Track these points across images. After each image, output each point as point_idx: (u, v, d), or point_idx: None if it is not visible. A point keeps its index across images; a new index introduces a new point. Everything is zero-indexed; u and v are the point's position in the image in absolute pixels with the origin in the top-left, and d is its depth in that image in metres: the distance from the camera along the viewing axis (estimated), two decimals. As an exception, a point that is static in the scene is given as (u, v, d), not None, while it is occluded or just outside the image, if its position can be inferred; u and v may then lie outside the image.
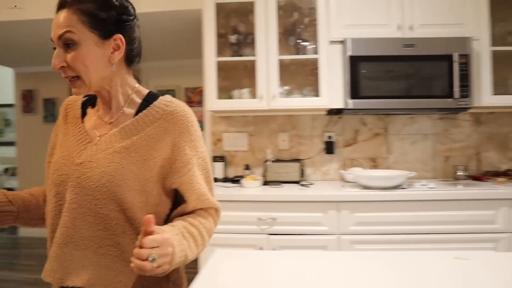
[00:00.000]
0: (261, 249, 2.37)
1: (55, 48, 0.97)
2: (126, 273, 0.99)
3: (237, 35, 2.85)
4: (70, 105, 1.16)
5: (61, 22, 0.95)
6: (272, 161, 2.86)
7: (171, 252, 0.84)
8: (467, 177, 2.82)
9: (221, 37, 2.84)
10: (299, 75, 2.91)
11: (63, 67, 0.97)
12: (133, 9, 1.05)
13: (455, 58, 2.49)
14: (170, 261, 0.85)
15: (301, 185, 2.71)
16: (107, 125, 1.06)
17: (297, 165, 2.83)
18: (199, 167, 1.07)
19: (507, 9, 2.83)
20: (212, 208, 1.11)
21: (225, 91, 2.84)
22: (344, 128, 3.00)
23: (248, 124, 3.05)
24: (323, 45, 2.62)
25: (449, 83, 2.52)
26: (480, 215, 2.30)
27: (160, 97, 1.09)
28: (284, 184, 2.75)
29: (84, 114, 1.12)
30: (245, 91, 2.77)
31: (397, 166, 2.97)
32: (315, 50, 2.71)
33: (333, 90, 2.64)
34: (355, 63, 2.55)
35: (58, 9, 0.97)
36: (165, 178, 1.04)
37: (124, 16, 1.01)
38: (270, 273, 1.10)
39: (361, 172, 2.62)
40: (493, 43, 2.63)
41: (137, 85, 1.11)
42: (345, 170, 2.87)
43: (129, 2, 1.04)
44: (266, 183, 2.78)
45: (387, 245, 2.31)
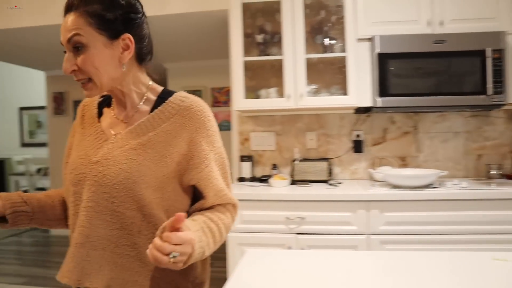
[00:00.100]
0: (289, 248, 2.36)
1: (65, 51, 0.97)
2: (142, 273, 0.98)
3: (264, 35, 2.85)
4: (87, 106, 1.16)
5: (68, 25, 0.94)
6: (300, 160, 2.85)
7: (190, 252, 0.83)
8: (501, 176, 2.74)
9: (247, 36, 2.85)
10: (327, 73, 2.89)
11: (74, 70, 0.96)
12: (140, 6, 1.03)
13: (488, 54, 2.43)
14: (186, 260, 0.84)
15: (329, 184, 2.69)
16: (122, 124, 1.06)
17: (325, 164, 2.81)
18: (216, 162, 1.06)
19: (543, 2, 2.74)
20: (230, 204, 1.10)
21: (252, 91, 2.84)
22: (373, 126, 2.96)
23: (275, 123, 3.04)
24: (350, 43, 2.60)
25: (481, 79, 2.45)
26: (516, 215, 2.24)
27: (175, 93, 1.08)
28: (312, 184, 2.73)
29: (100, 114, 1.12)
30: (272, 90, 2.77)
31: (427, 165, 2.91)
32: (343, 48, 2.68)
33: (361, 88, 2.61)
34: (383, 60, 2.52)
35: (65, 12, 0.96)
36: (182, 175, 1.03)
37: (131, 14, 0.99)
38: (302, 273, 1.09)
39: (391, 171, 2.58)
40: (528, 38, 2.55)
41: (150, 82, 1.10)
42: (374, 169, 2.84)
43: None
44: (293, 182, 2.77)
45: (418, 246, 2.27)
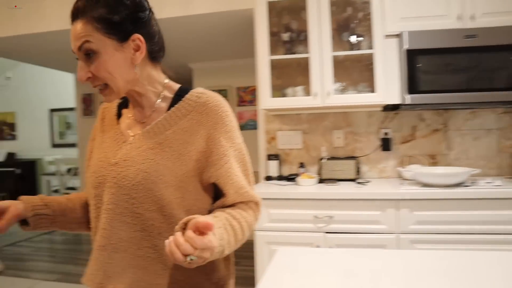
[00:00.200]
0: (318, 247, 2.35)
1: (77, 58, 0.96)
2: (165, 276, 0.97)
3: (290, 33, 2.84)
4: (107, 109, 1.16)
5: (77, 33, 0.92)
6: (327, 159, 2.83)
7: (208, 257, 0.80)
8: (537, 173, 2.66)
9: (273, 35, 2.85)
10: (354, 71, 2.86)
11: (89, 77, 0.95)
12: (146, 2, 1.00)
13: (522, 48, 2.36)
14: (202, 262, 0.80)
15: (357, 183, 2.66)
16: (140, 124, 1.05)
17: (352, 162, 2.79)
18: (236, 159, 1.04)
19: None
20: (252, 201, 1.06)
21: (278, 90, 2.84)
22: (401, 124, 2.91)
23: (302, 122, 3.03)
24: (378, 40, 2.56)
25: (515, 74, 2.38)
26: (553, 214, 2.16)
27: (191, 90, 1.06)
28: (339, 182, 2.71)
29: (120, 115, 1.12)
30: (299, 88, 2.76)
31: (458, 163, 2.85)
32: (370, 45, 2.65)
33: (389, 85, 2.57)
34: (412, 57, 2.47)
35: (72, 20, 0.94)
36: (202, 173, 1.01)
37: (138, 13, 0.97)
38: (334, 271, 1.08)
39: (421, 169, 2.54)
40: None
41: (166, 80, 1.08)
42: (402, 168, 2.79)
43: None
44: (321, 181, 2.76)
45: (449, 245, 2.22)
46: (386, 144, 2.91)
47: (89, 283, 1.00)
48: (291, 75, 2.93)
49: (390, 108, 2.78)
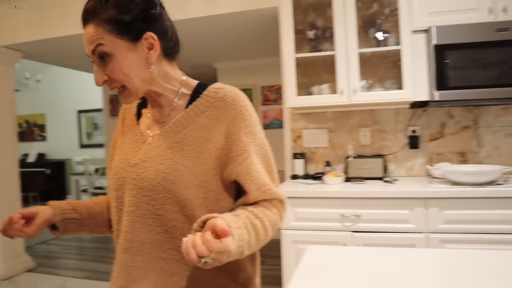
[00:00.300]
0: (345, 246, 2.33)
1: (92, 61, 0.95)
2: (189, 277, 0.95)
3: (315, 30, 2.82)
4: (127, 109, 1.14)
5: (89, 37, 0.91)
6: (354, 157, 2.80)
7: (224, 260, 0.77)
8: None
9: (298, 33, 2.83)
10: (381, 68, 2.82)
11: (105, 80, 0.94)
12: None
13: (557, 41, 2.28)
14: (218, 264, 0.77)
15: (385, 181, 2.62)
16: (159, 124, 1.02)
17: (379, 160, 2.75)
18: (257, 155, 0.99)
19: None
20: (277, 199, 1.01)
21: (304, 88, 2.82)
22: (430, 121, 2.85)
23: (328, 120, 3.01)
24: (405, 35, 2.51)
25: (550, 68, 2.30)
26: None
27: (209, 86, 1.03)
28: (366, 181, 2.68)
29: (140, 115, 1.10)
30: (324, 86, 2.73)
31: (489, 160, 2.77)
32: (397, 41, 2.60)
33: (417, 82, 2.52)
34: (440, 52, 2.42)
35: (84, 24, 0.92)
36: (222, 170, 0.97)
37: (149, 10, 0.93)
38: (365, 270, 1.07)
39: (451, 167, 2.48)
40: None
41: (184, 77, 1.05)
42: (431, 166, 2.74)
43: None
44: (348, 179, 2.73)
45: (480, 245, 2.16)
46: (414, 142, 2.86)
47: (113, 287, 0.99)
48: (317, 73, 2.91)
49: (418, 105, 2.73)
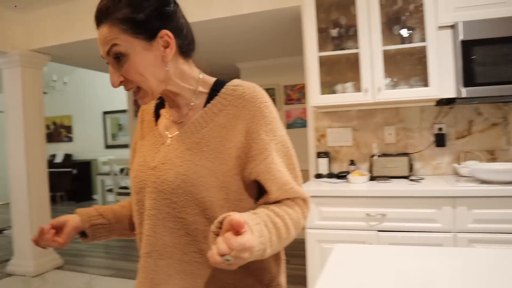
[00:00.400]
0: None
1: (107, 62, 0.93)
2: (213, 280, 0.94)
3: (338, 29, 2.80)
4: (146, 110, 1.12)
5: (103, 38, 0.89)
6: (379, 156, 2.77)
7: (247, 257, 0.75)
8: None
9: (322, 32, 2.82)
10: (406, 65, 2.78)
11: (121, 81, 0.92)
12: None
13: None
14: (241, 263, 0.75)
15: (411, 180, 2.58)
16: (178, 124, 1.00)
17: (405, 159, 2.71)
18: (278, 153, 0.95)
19: None
20: (299, 197, 0.98)
21: (327, 86, 2.81)
22: (456, 119, 2.80)
23: (352, 118, 2.98)
24: (431, 32, 2.47)
25: None
26: None
27: (227, 83, 0.99)
28: (391, 179, 2.64)
29: (158, 115, 1.08)
30: (348, 85, 2.71)
31: (519, 158, 2.70)
32: (422, 38, 2.56)
33: (443, 78, 2.48)
34: (467, 48, 2.37)
35: (97, 25, 0.90)
36: (243, 170, 0.94)
37: (163, 8, 0.91)
38: (394, 269, 1.06)
39: (479, 165, 2.43)
40: None
41: (201, 75, 1.01)
42: (458, 164, 2.69)
43: None
44: (372, 178, 2.70)
45: (510, 245, 2.11)
46: (440, 140, 2.81)
47: None
48: (340, 71, 2.89)
49: (444, 103, 2.68)
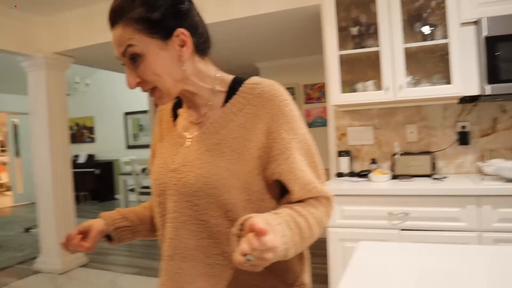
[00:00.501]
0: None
1: (123, 64, 0.91)
2: (237, 282, 0.93)
3: (359, 27, 2.79)
4: (164, 110, 1.11)
5: (119, 39, 0.87)
6: (400, 154, 2.75)
7: (270, 258, 0.73)
8: None
9: (342, 30, 2.80)
10: (427, 62, 2.75)
11: (138, 82, 0.90)
12: None
13: None
14: (265, 264, 0.74)
15: (433, 178, 2.55)
16: (196, 125, 0.98)
17: (427, 158, 2.68)
18: (300, 151, 0.94)
19: None
20: (323, 196, 0.96)
21: (348, 85, 2.80)
22: (480, 116, 2.75)
23: (373, 117, 2.96)
24: (453, 28, 2.44)
25: None
26: None
27: (245, 81, 0.97)
28: (414, 178, 2.62)
29: (176, 115, 1.06)
30: (369, 83, 2.70)
31: (546, 156, 2.64)
32: (444, 35, 2.53)
33: (466, 76, 2.44)
34: (492, 44, 2.33)
35: (111, 26, 0.89)
36: (264, 170, 0.93)
37: (178, 6, 0.89)
38: (419, 267, 1.05)
39: (505, 164, 2.38)
40: None
41: (218, 74, 0.99)
42: (483, 162, 2.64)
43: None
44: (394, 177, 2.68)
45: (538, 244, 2.07)
46: (463, 138, 2.77)
47: None
48: (361, 69, 2.88)
49: (467, 100, 2.64)
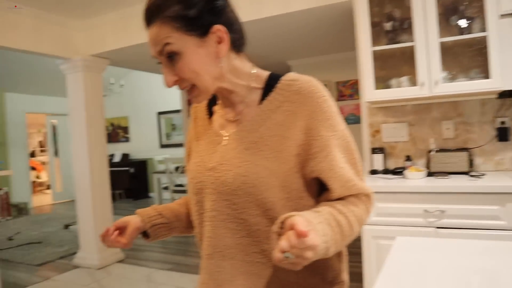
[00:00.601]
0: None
1: (159, 62, 0.91)
2: (276, 280, 0.93)
3: (392, 22, 2.75)
4: (198, 108, 1.11)
5: (155, 37, 0.87)
6: (436, 151, 2.69)
7: (311, 257, 0.72)
8: None
9: (375, 26, 2.77)
10: (464, 57, 2.68)
11: (175, 81, 0.90)
12: None
13: None
14: (306, 263, 0.73)
15: (471, 175, 2.49)
16: (233, 123, 0.98)
17: (464, 154, 2.62)
18: (339, 148, 0.93)
19: None
20: (362, 194, 0.95)
21: (381, 81, 2.76)
22: (521, 111, 2.66)
23: (407, 113, 2.91)
24: (492, 20, 2.36)
25: None
26: None
27: (282, 77, 0.96)
28: (450, 175, 2.56)
29: (211, 113, 1.06)
30: (404, 79, 2.65)
31: None
32: (483, 28, 2.45)
33: (506, 69, 2.36)
34: (533, 36, 2.26)
35: (147, 25, 0.89)
36: (303, 167, 0.92)
37: (214, 2, 0.88)
38: (457, 262, 1.04)
39: (547, 160, 2.30)
40: None
41: (254, 70, 0.98)
42: (524, 159, 2.56)
43: None
44: (430, 174, 2.63)
45: None
46: (503, 134, 2.68)
47: None
48: (395, 65, 2.83)
49: (507, 95, 2.56)
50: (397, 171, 2.73)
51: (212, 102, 1.07)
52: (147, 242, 1.12)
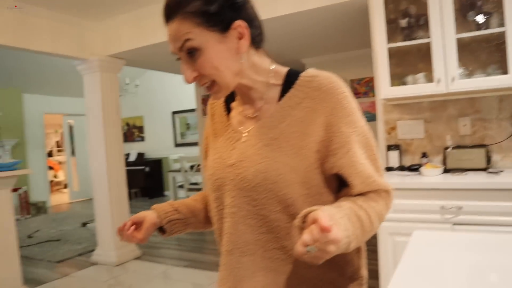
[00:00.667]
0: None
1: (178, 59, 0.91)
2: (296, 276, 0.93)
3: (408, 18, 2.73)
4: (215, 104, 1.10)
5: (175, 33, 0.87)
6: (453, 148, 2.68)
7: (333, 251, 0.72)
8: None
9: (390, 23, 2.76)
10: (482, 53, 2.65)
11: (195, 77, 0.89)
12: None
13: None
14: (327, 257, 0.73)
15: (489, 172, 2.47)
16: (252, 119, 0.98)
17: (482, 151, 2.60)
18: (360, 144, 0.92)
19: None
20: (382, 189, 0.96)
21: (397, 78, 2.74)
22: (540, 107, 2.63)
23: (423, 110, 2.90)
24: (510, 15, 2.34)
25: None
26: None
27: (301, 73, 0.96)
28: (467, 172, 2.54)
29: (229, 109, 1.06)
30: (420, 76, 2.64)
31: None
32: (501, 23, 2.43)
33: (524, 65, 2.34)
34: (552, 31, 2.23)
35: (167, 21, 0.89)
36: (323, 163, 0.92)
37: None
38: (476, 259, 1.03)
39: None
40: None
41: (273, 66, 0.98)
42: (542, 155, 2.53)
43: None
44: (446, 171, 2.61)
45: None
46: (521, 131, 2.65)
47: None
48: (411, 62, 2.82)
49: (525, 91, 2.53)
50: (413, 168, 2.71)
51: (230, 98, 1.07)
52: (163, 237, 1.12)
